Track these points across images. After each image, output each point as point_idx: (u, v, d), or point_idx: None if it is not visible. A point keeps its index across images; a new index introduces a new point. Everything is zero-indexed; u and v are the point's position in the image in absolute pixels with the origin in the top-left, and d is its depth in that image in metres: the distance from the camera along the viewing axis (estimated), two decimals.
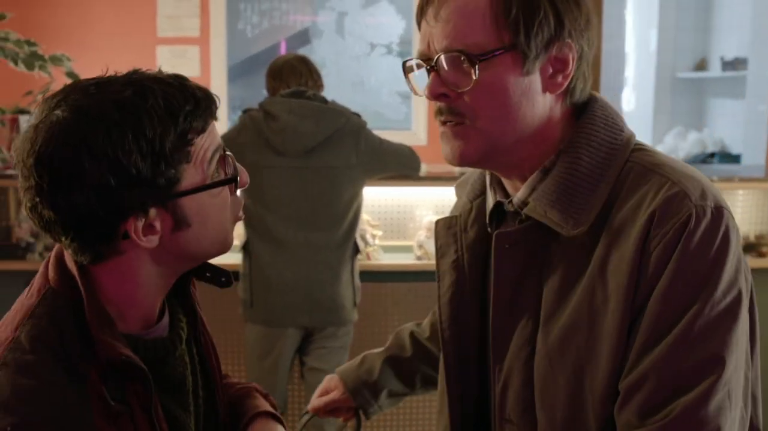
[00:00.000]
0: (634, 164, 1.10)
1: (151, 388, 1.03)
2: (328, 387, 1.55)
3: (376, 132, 3.01)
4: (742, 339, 1.03)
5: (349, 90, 5.37)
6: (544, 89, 1.11)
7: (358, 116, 2.95)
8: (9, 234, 3.41)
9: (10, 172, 3.34)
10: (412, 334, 1.54)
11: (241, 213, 1.14)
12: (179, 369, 1.14)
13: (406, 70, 1.18)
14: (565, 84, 1.11)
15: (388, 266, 3.36)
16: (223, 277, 1.20)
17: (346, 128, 2.86)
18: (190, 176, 1.03)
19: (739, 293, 1.02)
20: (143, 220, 1.01)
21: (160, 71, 1.05)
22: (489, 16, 1.06)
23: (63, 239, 1.02)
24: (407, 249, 3.46)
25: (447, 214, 1.35)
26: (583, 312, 1.06)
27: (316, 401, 1.57)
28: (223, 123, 4.98)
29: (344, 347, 3.00)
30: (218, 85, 5.03)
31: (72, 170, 0.95)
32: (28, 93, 3.45)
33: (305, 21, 5.42)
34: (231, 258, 3.04)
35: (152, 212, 1.01)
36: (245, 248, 2.95)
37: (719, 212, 1.03)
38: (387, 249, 3.46)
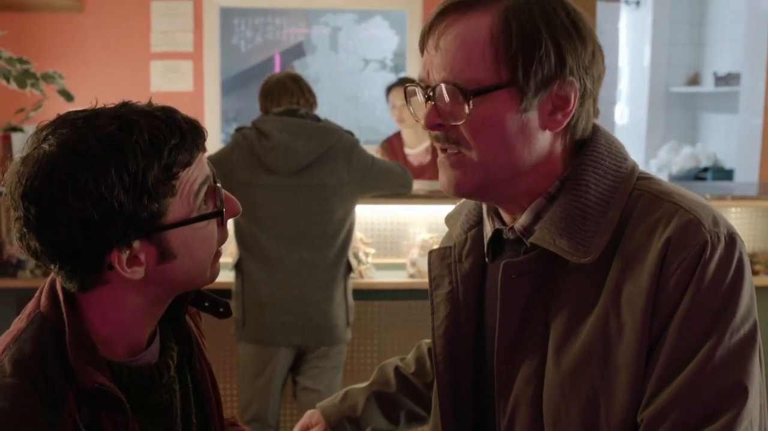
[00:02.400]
0: (642, 192, 1.09)
1: (128, 415, 1.04)
2: (309, 423, 1.49)
3: (369, 147, 3.00)
4: (758, 367, 1.02)
5: (343, 105, 5.38)
6: (543, 126, 1.08)
7: (350, 133, 2.94)
8: (0, 251, 3.40)
9: (0, 190, 3.32)
10: (396, 369, 1.51)
11: (221, 248, 1.14)
12: (166, 396, 1.15)
13: (408, 95, 1.16)
14: (565, 122, 1.09)
15: (381, 284, 3.34)
16: (221, 307, 1.22)
17: (338, 145, 2.85)
18: (175, 209, 1.04)
19: (755, 321, 1.02)
20: (127, 252, 1.02)
21: (150, 103, 1.07)
22: (489, 50, 1.04)
23: (51, 267, 1.04)
24: (400, 267, 3.45)
25: (440, 230, 1.33)
26: (597, 342, 1.04)
27: None
28: (216, 136, 4.99)
29: (337, 367, 2.99)
30: (212, 99, 5.04)
31: (57, 205, 0.98)
32: (20, 110, 3.44)
33: (299, 35, 5.43)
34: (223, 277, 3.02)
35: (136, 244, 1.03)
36: (237, 266, 2.94)
37: (732, 239, 1.04)
38: (380, 267, 3.44)
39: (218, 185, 1.10)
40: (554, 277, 1.09)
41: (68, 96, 3.39)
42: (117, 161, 0.98)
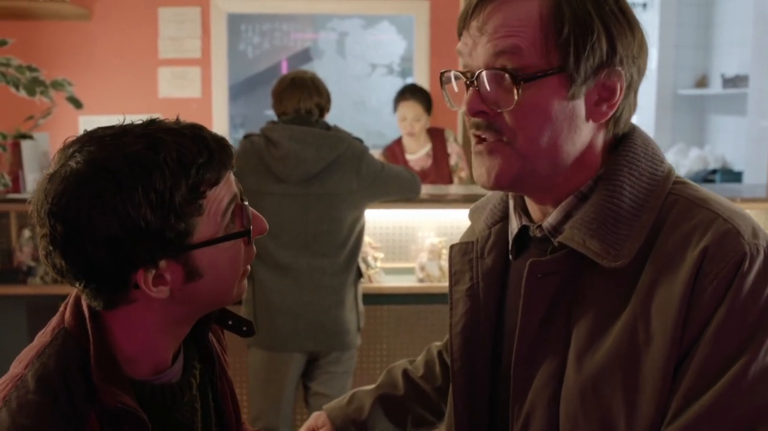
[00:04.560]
0: (678, 197, 1.05)
1: None
2: (315, 425, 1.48)
3: (375, 152, 2.99)
4: None
5: (351, 110, 5.38)
6: (588, 117, 1.05)
7: (360, 141, 2.94)
8: (10, 258, 3.41)
9: (11, 196, 3.34)
10: (405, 372, 1.48)
11: (248, 267, 1.13)
12: (187, 414, 1.15)
13: (443, 81, 1.13)
14: (610, 113, 1.06)
15: (390, 288, 3.35)
16: (245, 326, 1.22)
17: (348, 153, 2.85)
18: (202, 228, 1.03)
19: None
20: (153, 271, 1.02)
21: (177, 121, 1.06)
22: (539, 35, 1.01)
23: (77, 285, 1.04)
24: (409, 271, 3.45)
25: (449, 234, 1.31)
26: (622, 349, 1.00)
27: None
28: None
29: (348, 372, 2.99)
30: (220, 105, 5.04)
31: (83, 223, 0.97)
32: (29, 118, 3.45)
33: (306, 40, 5.44)
34: None
35: (162, 264, 1.02)
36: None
37: None
38: (389, 271, 3.45)
39: (245, 203, 1.10)
40: (581, 279, 1.06)
41: (77, 103, 3.40)
42: (144, 180, 0.97)
